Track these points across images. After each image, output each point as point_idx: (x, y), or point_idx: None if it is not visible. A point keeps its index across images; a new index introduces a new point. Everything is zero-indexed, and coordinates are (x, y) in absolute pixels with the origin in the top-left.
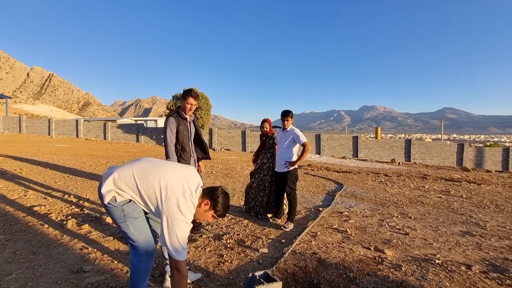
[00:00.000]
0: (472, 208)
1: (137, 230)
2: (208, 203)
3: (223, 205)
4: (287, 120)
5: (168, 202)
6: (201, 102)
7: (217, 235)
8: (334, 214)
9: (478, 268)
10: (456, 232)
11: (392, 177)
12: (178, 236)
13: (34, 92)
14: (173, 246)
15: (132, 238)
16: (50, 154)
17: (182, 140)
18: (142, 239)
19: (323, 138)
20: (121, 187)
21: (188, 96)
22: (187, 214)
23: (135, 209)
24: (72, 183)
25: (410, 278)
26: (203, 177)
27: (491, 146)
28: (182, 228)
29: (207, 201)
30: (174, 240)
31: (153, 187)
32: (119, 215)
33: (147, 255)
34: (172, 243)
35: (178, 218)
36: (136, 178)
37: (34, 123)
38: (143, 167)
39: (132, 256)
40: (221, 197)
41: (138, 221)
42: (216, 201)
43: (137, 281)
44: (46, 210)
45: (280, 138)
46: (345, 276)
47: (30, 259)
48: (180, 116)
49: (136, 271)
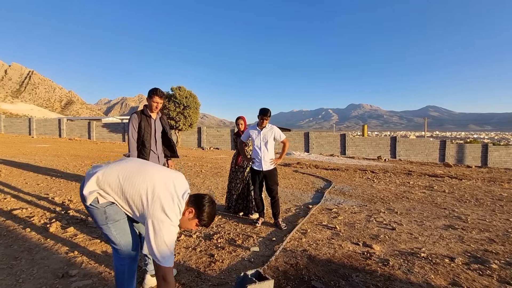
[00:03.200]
0: (454, 203)
1: (119, 233)
2: (193, 211)
3: (208, 214)
4: (266, 119)
5: (154, 205)
6: (189, 101)
7: (208, 235)
8: (323, 211)
9: (461, 260)
10: (440, 226)
11: (378, 173)
12: (165, 240)
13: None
14: (160, 251)
15: (114, 241)
16: (31, 155)
17: (143, 136)
18: (124, 241)
19: (311, 136)
20: (105, 188)
21: (153, 95)
22: (173, 218)
23: (118, 212)
24: (55, 185)
25: (397, 272)
26: (192, 177)
27: (471, 143)
28: (169, 232)
29: (192, 209)
30: (160, 244)
31: (139, 190)
32: (101, 217)
33: (130, 258)
34: (158, 248)
35: (164, 221)
36: (121, 180)
37: (14, 122)
38: (129, 168)
39: (115, 260)
40: (207, 206)
41: (121, 223)
42: (201, 210)
43: (122, 285)
44: (28, 213)
45: (261, 136)
46: (335, 272)
47: (12, 265)
48: (143, 113)
49: (120, 275)
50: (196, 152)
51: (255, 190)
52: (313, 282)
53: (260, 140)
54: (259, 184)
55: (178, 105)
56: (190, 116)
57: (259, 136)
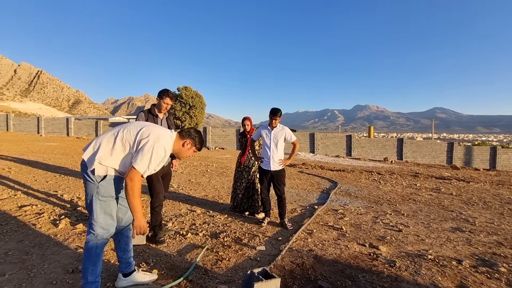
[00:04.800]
0: (461, 205)
1: (101, 211)
2: (190, 142)
3: (200, 139)
4: (275, 119)
5: (151, 136)
6: (195, 101)
7: (214, 233)
8: (329, 211)
9: (468, 263)
10: (447, 228)
11: (385, 175)
12: (152, 156)
13: (22, 90)
14: (143, 160)
15: (93, 216)
16: (40, 153)
17: None
18: (102, 220)
19: (317, 137)
20: (102, 144)
21: (165, 96)
22: (167, 146)
23: (109, 190)
24: (64, 182)
25: (404, 273)
26: (198, 176)
27: (479, 145)
28: (158, 153)
29: (189, 140)
30: (146, 157)
31: (134, 131)
32: (93, 191)
33: (100, 239)
34: (144, 157)
35: (159, 144)
36: (116, 130)
37: (23, 121)
38: (124, 125)
39: (87, 235)
40: (198, 135)
41: (106, 203)
42: (195, 139)
43: (87, 267)
44: (38, 210)
45: (271, 136)
46: (342, 272)
47: (23, 260)
48: (150, 112)
49: (87, 253)
50: (201, 152)
51: (262, 189)
52: (320, 282)
53: (271, 139)
54: (267, 183)
55: (184, 105)
56: (195, 116)
57: (270, 136)
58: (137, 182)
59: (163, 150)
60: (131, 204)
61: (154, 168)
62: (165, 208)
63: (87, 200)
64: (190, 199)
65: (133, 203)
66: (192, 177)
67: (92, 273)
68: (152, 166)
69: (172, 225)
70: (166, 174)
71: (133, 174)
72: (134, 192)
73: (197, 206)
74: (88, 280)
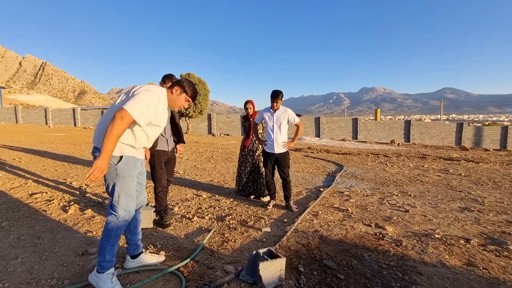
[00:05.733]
0: (470, 185)
1: (122, 193)
2: (178, 88)
3: (190, 85)
4: (277, 102)
5: (143, 87)
6: (198, 88)
7: (220, 217)
8: (335, 194)
9: (477, 241)
10: (455, 208)
11: (391, 157)
12: (144, 101)
13: (28, 82)
14: (133, 102)
15: (115, 198)
16: (49, 143)
17: None
18: (124, 202)
19: (322, 121)
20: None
21: (168, 81)
22: (160, 94)
23: (128, 170)
24: (72, 171)
25: (411, 252)
26: (203, 162)
27: (490, 125)
28: (152, 98)
29: (177, 87)
30: (137, 101)
31: (128, 95)
32: (112, 174)
33: (121, 220)
34: (134, 101)
35: (149, 92)
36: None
37: (31, 113)
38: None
39: (108, 216)
40: (187, 82)
41: (127, 184)
42: (183, 85)
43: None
44: (48, 197)
45: (274, 119)
46: (347, 252)
47: (35, 244)
48: None
49: (107, 234)
50: (206, 139)
51: (266, 173)
52: (325, 261)
53: (274, 122)
54: (271, 166)
55: None
56: (200, 103)
57: (273, 118)
58: (121, 122)
59: (155, 96)
60: (107, 138)
61: (148, 116)
62: (171, 193)
63: (107, 185)
64: (196, 184)
65: (109, 138)
66: (198, 163)
67: (110, 252)
68: (145, 111)
69: (179, 209)
70: (170, 159)
71: (121, 112)
72: (118, 130)
73: (202, 191)
74: (105, 259)
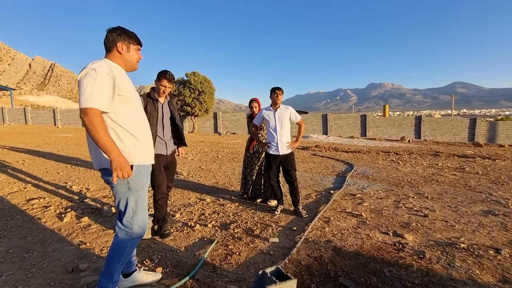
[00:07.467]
0: (490, 185)
1: (137, 208)
2: (120, 43)
3: (126, 31)
4: (277, 95)
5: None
6: (204, 86)
7: (224, 224)
8: (346, 196)
9: (508, 252)
10: (478, 211)
11: (403, 155)
12: (88, 85)
13: (37, 83)
14: (82, 95)
15: (128, 214)
16: (55, 144)
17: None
18: (140, 218)
19: (330, 118)
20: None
21: (162, 78)
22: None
23: (140, 182)
24: (74, 173)
25: (436, 266)
26: (208, 162)
27: (504, 120)
28: (92, 74)
29: (118, 43)
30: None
31: None
32: (124, 188)
33: (136, 237)
34: (81, 93)
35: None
36: None
37: (39, 113)
38: None
39: (119, 234)
40: (120, 29)
41: (141, 198)
42: (121, 36)
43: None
44: (45, 203)
45: (276, 118)
46: (365, 267)
47: (24, 258)
48: (149, 97)
49: (119, 253)
50: (212, 138)
51: (271, 176)
52: (341, 279)
53: (276, 121)
54: (276, 169)
55: (193, 91)
56: (205, 102)
57: (275, 118)
58: (93, 116)
59: (92, 72)
60: (97, 140)
61: (108, 94)
62: (174, 198)
63: (118, 201)
64: (200, 187)
65: (98, 139)
66: (203, 163)
67: (118, 272)
68: (97, 92)
69: (181, 216)
70: (170, 164)
71: (84, 111)
72: (95, 126)
73: (206, 194)
74: (113, 280)
